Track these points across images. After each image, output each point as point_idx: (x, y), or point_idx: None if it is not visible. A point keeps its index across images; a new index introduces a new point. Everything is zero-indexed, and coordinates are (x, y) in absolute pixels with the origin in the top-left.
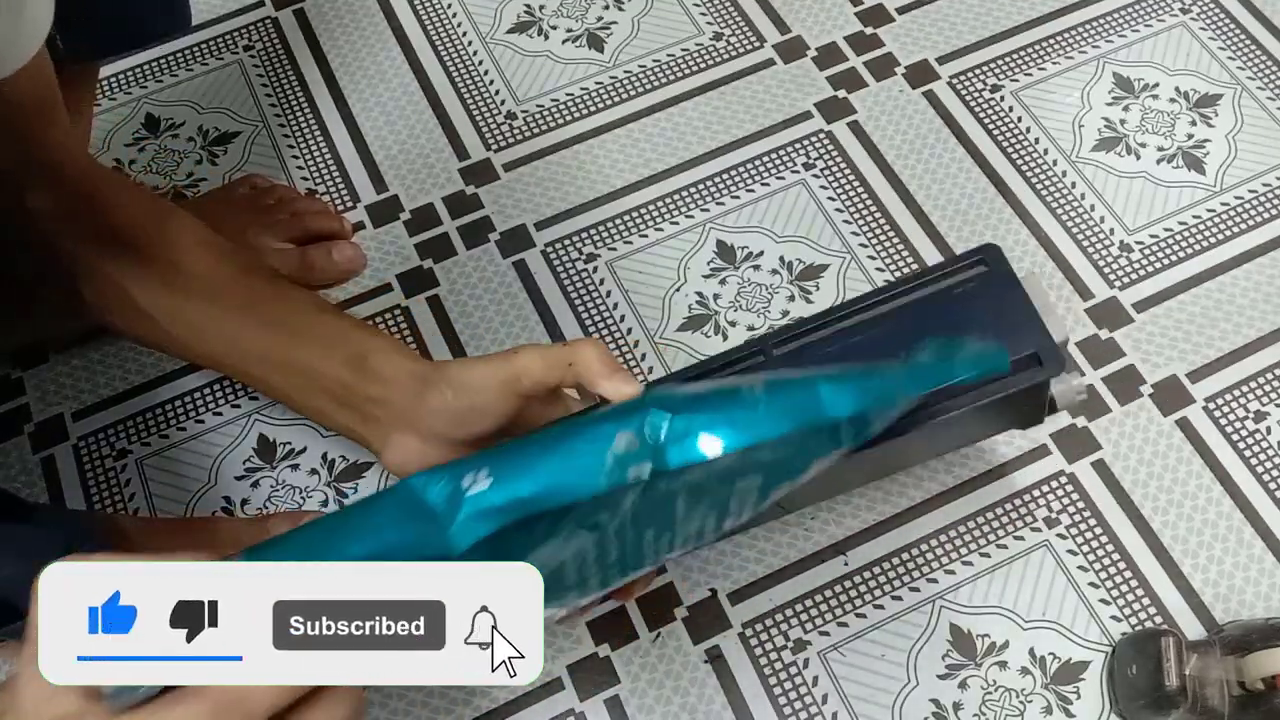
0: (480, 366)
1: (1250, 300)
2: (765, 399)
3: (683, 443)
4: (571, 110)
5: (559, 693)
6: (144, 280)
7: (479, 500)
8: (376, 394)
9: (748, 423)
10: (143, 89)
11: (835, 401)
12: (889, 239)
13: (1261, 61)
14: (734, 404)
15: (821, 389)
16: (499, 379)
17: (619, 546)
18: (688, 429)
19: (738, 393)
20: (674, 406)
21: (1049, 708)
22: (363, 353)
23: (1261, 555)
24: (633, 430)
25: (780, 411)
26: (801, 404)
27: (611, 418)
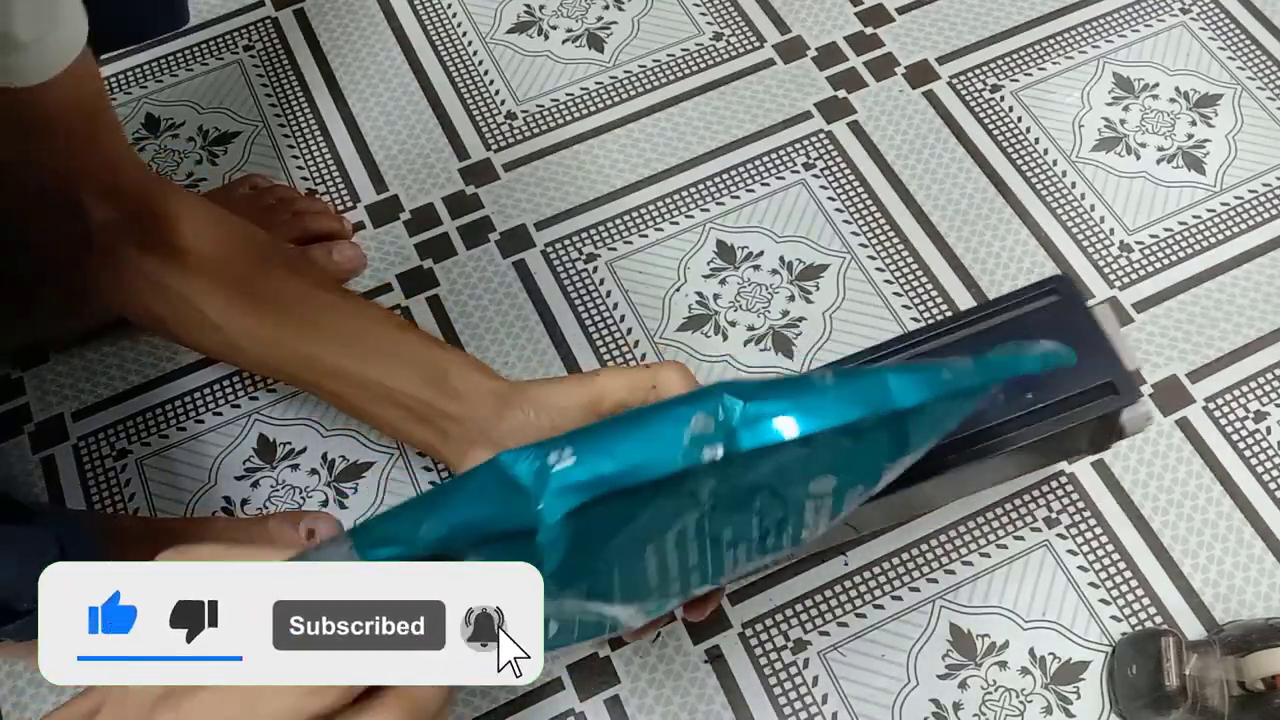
0: (562, 387)
1: (1250, 300)
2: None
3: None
4: (571, 110)
5: (559, 693)
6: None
7: (565, 476)
8: (456, 411)
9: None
10: (143, 89)
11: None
12: (889, 239)
13: (1261, 61)
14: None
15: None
16: (581, 400)
17: (698, 548)
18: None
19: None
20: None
21: (1049, 708)
22: (443, 370)
23: (1261, 555)
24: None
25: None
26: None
27: (687, 400)
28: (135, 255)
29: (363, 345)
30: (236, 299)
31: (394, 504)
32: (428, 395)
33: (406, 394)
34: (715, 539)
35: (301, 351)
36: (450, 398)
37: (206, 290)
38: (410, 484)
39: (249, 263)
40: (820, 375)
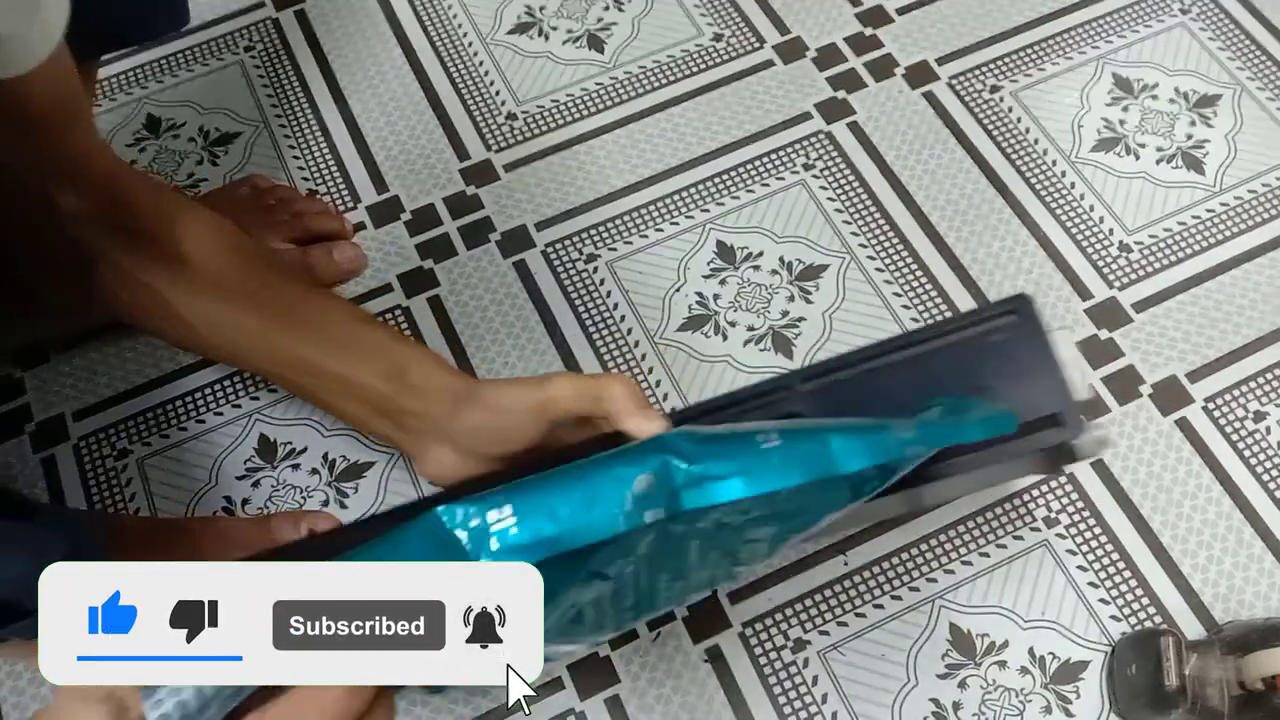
0: (513, 390)
1: (1250, 300)
2: (779, 450)
3: (698, 487)
4: (571, 111)
5: (559, 693)
6: (180, 285)
7: (503, 537)
8: (414, 407)
9: (761, 472)
10: (143, 89)
11: (846, 456)
12: (888, 239)
13: (1261, 61)
14: (748, 453)
15: (834, 443)
16: (530, 404)
17: (634, 590)
18: (704, 474)
19: (752, 441)
20: (691, 453)
21: (1049, 707)
22: (402, 365)
23: (1261, 555)
24: (651, 472)
25: (792, 463)
26: (813, 457)
27: (630, 459)
28: (107, 246)
29: (326, 338)
30: (202, 289)
31: (393, 501)
32: (388, 390)
33: (367, 388)
34: (651, 583)
35: (267, 343)
36: (409, 393)
37: (173, 281)
38: (410, 484)
39: (218, 254)
40: (765, 436)
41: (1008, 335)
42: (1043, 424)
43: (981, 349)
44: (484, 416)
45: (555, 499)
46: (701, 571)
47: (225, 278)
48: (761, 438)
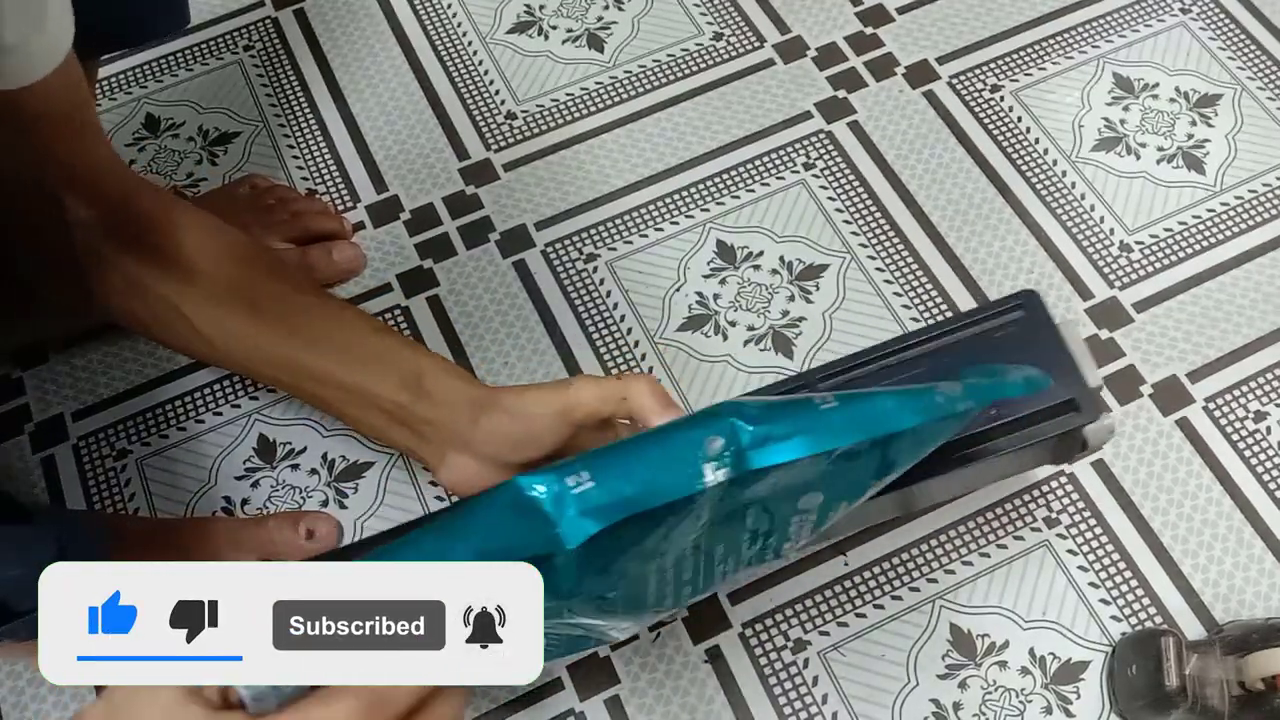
0: (536, 394)
1: (1250, 300)
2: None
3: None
4: (571, 110)
5: (559, 693)
6: (192, 296)
7: (585, 499)
8: (432, 416)
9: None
10: (143, 89)
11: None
12: (889, 239)
13: (1261, 61)
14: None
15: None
16: (554, 408)
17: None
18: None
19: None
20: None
21: (1049, 708)
22: (417, 374)
23: (1261, 555)
24: (720, 434)
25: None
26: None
27: (699, 423)
28: (115, 255)
29: (341, 348)
30: (214, 300)
31: (392, 502)
32: (404, 399)
33: (384, 398)
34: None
35: (279, 354)
36: (426, 402)
37: (184, 291)
38: (410, 484)
39: (228, 264)
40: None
41: (1017, 329)
42: (1060, 409)
43: (992, 344)
44: (506, 423)
45: (631, 461)
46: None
47: (238, 289)
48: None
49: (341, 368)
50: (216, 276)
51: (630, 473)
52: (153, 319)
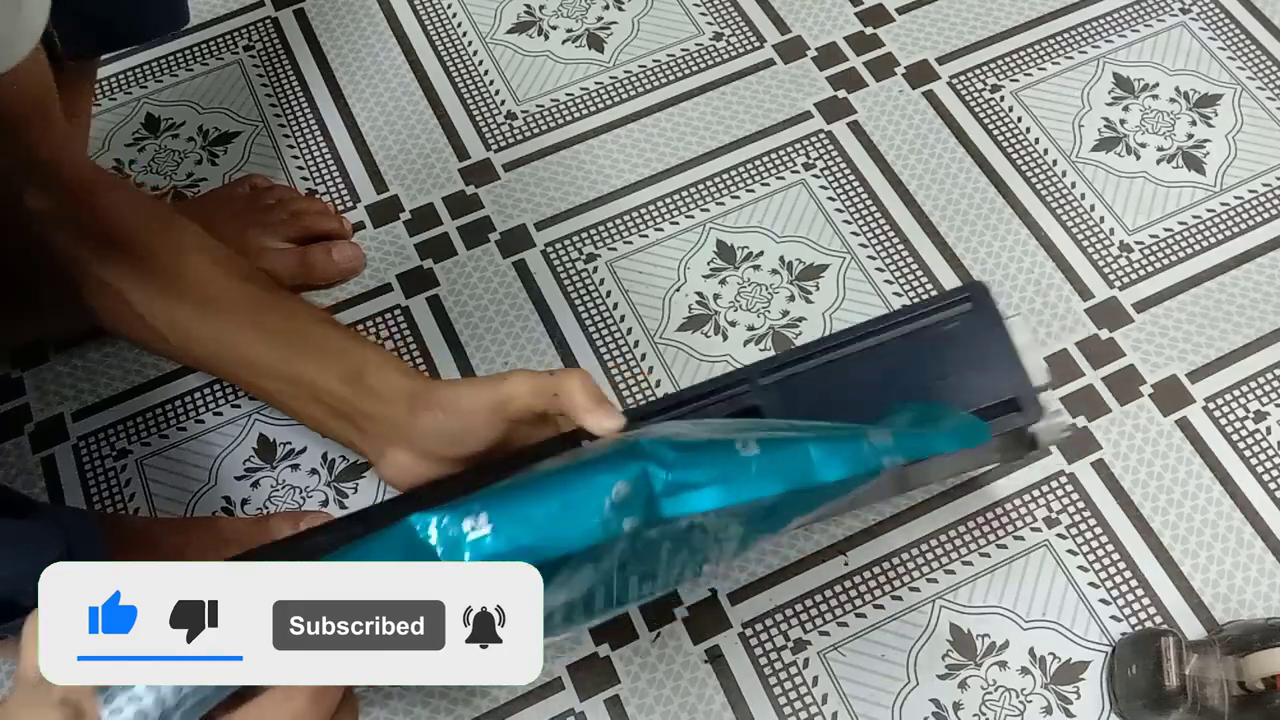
0: (470, 389)
1: (1250, 300)
2: (758, 460)
3: (677, 496)
4: (571, 110)
5: (559, 693)
6: (142, 285)
7: (479, 546)
8: (371, 410)
9: (740, 480)
10: (143, 89)
11: (825, 466)
12: (889, 239)
13: (1261, 61)
14: (727, 460)
15: (812, 452)
16: (487, 403)
17: (605, 590)
18: (682, 482)
19: (730, 448)
20: (670, 460)
21: (1049, 708)
22: (359, 368)
23: (1261, 555)
24: (629, 480)
25: (772, 473)
26: (793, 466)
27: (608, 466)
28: (71, 245)
29: (284, 340)
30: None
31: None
32: (345, 393)
33: (326, 390)
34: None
35: (221, 342)
36: (366, 396)
37: (135, 281)
38: None
39: (179, 254)
40: (744, 443)
41: (964, 322)
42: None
43: (938, 337)
44: (441, 418)
45: (532, 507)
46: (671, 571)
47: (186, 280)
48: (740, 445)
49: (283, 360)
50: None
51: (530, 519)
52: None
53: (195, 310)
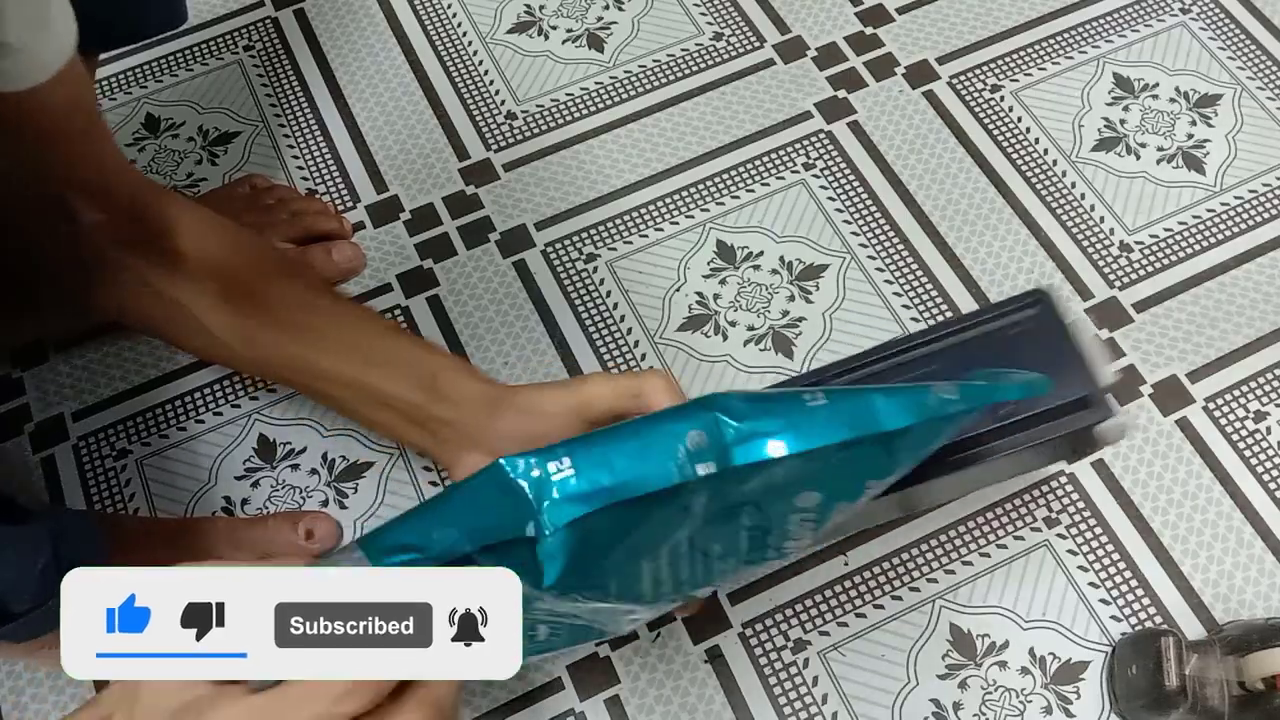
0: (550, 392)
1: (1250, 300)
2: (826, 407)
3: (748, 444)
4: (571, 110)
5: (559, 693)
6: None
7: (564, 485)
8: (447, 415)
9: (809, 428)
10: (143, 89)
11: (890, 414)
12: (889, 239)
13: (1261, 61)
14: (796, 410)
15: (877, 401)
16: (568, 405)
17: (690, 561)
18: (753, 430)
19: (799, 399)
20: (739, 411)
21: (1049, 708)
22: (432, 374)
23: (1261, 555)
24: (703, 429)
25: (839, 419)
26: (859, 414)
27: (683, 415)
28: (126, 258)
29: (355, 349)
30: (226, 301)
31: (392, 502)
32: (419, 399)
33: (398, 398)
34: (705, 552)
35: (293, 355)
36: (441, 402)
37: (196, 292)
38: (410, 484)
39: (240, 265)
40: (811, 395)
41: (1029, 327)
42: (1072, 407)
43: (1004, 341)
44: (520, 421)
45: (611, 451)
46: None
47: (248, 289)
48: (809, 396)
49: (356, 369)
50: (226, 277)
51: (611, 462)
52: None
53: (260, 319)
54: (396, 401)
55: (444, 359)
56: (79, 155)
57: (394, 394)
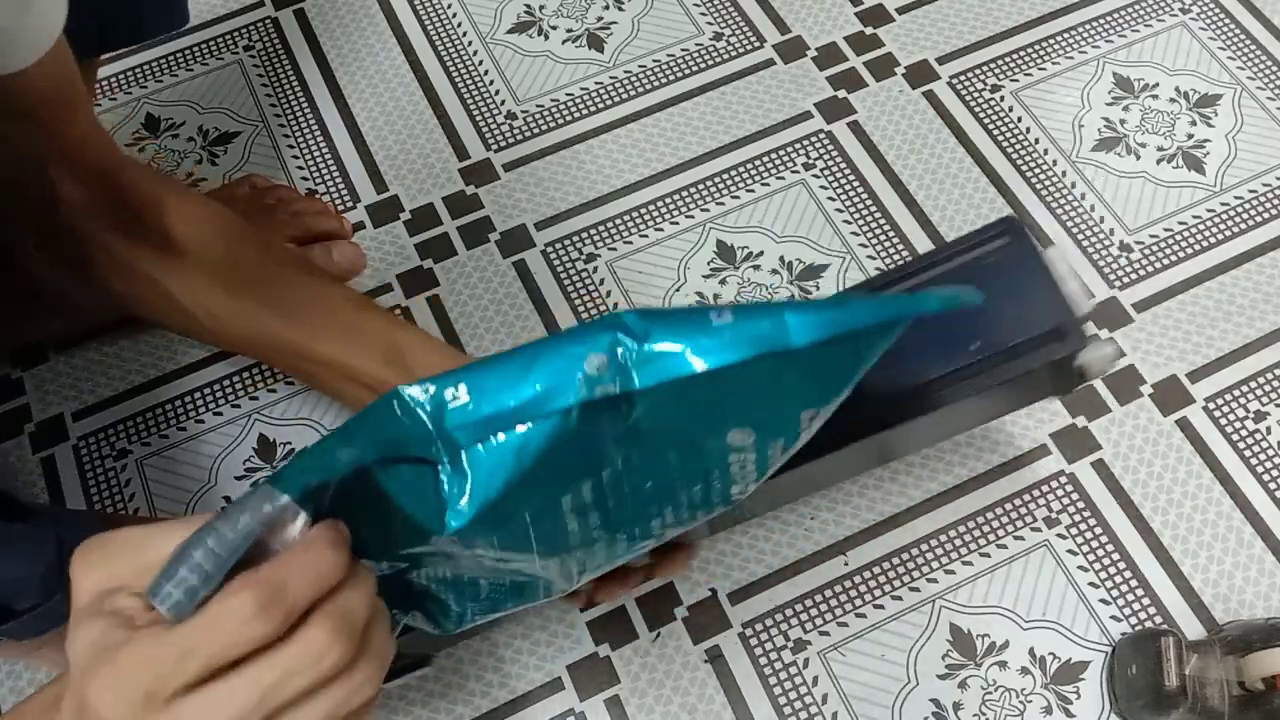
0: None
1: (1250, 300)
2: (731, 325)
3: (649, 365)
4: (571, 110)
5: (559, 693)
6: (179, 274)
7: (461, 413)
8: None
9: (713, 347)
10: (143, 89)
11: (800, 329)
12: (889, 239)
13: (1261, 61)
14: (700, 328)
15: (788, 316)
16: None
17: (617, 501)
18: (653, 352)
19: (704, 317)
20: (640, 330)
21: (1049, 708)
22: (400, 349)
23: (1261, 555)
24: (604, 351)
25: (744, 336)
26: (766, 330)
27: (581, 337)
28: (106, 235)
29: (326, 324)
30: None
31: None
32: (385, 374)
33: (366, 372)
34: (636, 493)
35: (265, 329)
36: (405, 375)
37: (173, 269)
38: None
39: (214, 240)
40: (718, 311)
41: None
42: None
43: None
44: None
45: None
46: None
47: (224, 265)
48: (714, 314)
49: (327, 343)
50: (204, 254)
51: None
52: (141, 298)
53: (235, 296)
54: (366, 377)
55: (412, 334)
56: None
57: (360, 368)
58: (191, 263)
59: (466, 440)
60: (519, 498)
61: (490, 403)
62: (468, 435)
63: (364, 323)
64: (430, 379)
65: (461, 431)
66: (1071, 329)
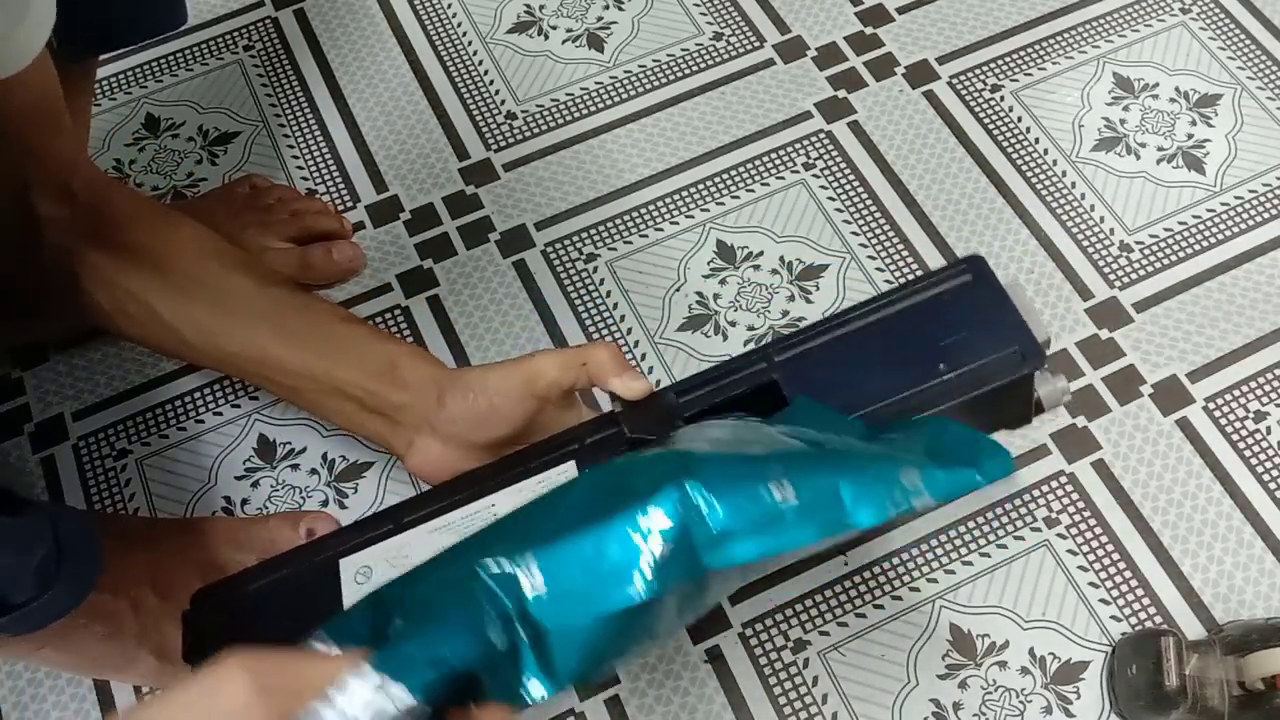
0: (497, 369)
1: (1250, 300)
2: (795, 508)
3: (717, 550)
4: (571, 110)
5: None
6: (162, 292)
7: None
8: (401, 400)
9: (779, 531)
10: (143, 89)
11: (858, 510)
12: (889, 239)
13: (1261, 61)
14: (765, 510)
15: (846, 497)
16: (515, 381)
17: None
18: (721, 537)
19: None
20: (711, 516)
21: (1049, 708)
22: (390, 361)
23: (1261, 555)
24: (670, 542)
25: (809, 520)
26: (828, 513)
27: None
28: (86, 252)
29: (312, 339)
30: (184, 295)
31: (392, 501)
32: (376, 386)
33: (356, 385)
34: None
35: (247, 346)
36: (398, 387)
37: (155, 286)
38: (410, 484)
39: (197, 259)
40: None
41: (966, 292)
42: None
43: (942, 306)
44: (470, 400)
45: (579, 564)
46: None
47: (204, 282)
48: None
49: (314, 358)
50: (188, 272)
51: (577, 573)
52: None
53: (215, 312)
54: (354, 389)
55: (401, 346)
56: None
57: (352, 381)
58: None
59: (548, 622)
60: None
61: (563, 588)
62: (546, 617)
63: (352, 337)
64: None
65: (540, 614)
66: (1030, 351)
